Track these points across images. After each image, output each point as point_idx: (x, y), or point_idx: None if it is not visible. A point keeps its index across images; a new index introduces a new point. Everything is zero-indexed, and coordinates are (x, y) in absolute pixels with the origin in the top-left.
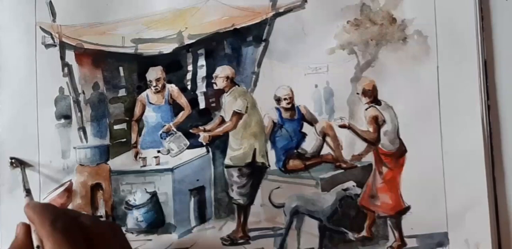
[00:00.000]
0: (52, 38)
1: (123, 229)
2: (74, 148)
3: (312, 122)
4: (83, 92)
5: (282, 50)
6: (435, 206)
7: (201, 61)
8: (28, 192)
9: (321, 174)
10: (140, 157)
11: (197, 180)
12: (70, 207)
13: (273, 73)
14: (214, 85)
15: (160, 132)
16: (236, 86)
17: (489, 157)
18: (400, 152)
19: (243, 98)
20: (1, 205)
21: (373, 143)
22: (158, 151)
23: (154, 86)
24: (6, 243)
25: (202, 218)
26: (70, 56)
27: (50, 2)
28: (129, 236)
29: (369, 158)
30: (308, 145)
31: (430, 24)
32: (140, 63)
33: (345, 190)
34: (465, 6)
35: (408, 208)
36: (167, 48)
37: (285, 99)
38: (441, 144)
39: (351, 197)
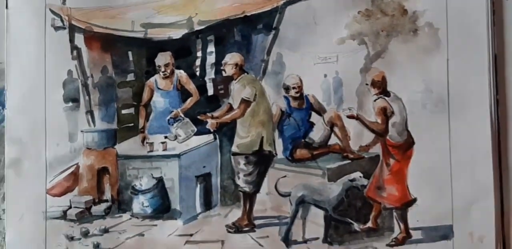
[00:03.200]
0: (62, 20)
1: (129, 213)
2: (82, 131)
3: (321, 111)
4: (92, 76)
5: (292, 39)
6: (441, 199)
7: (211, 48)
8: None
9: (328, 164)
10: (147, 142)
11: (204, 166)
12: (76, 190)
13: (283, 61)
14: (223, 72)
15: (168, 117)
16: (245, 73)
17: (496, 152)
18: (408, 144)
19: (252, 86)
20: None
21: (381, 134)
22: (165, 137)
23: (162, 72)
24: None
25: (207, 205)
26: (79, 39)
27: None
28: (134, 221)
29: (377, 149)
30: (316, 135)
31: (442, 16)
32: (149, 48)
33: (351, 180)
34: (476, 0)
35: (414, 200)
36: (177, 34)
37: (294, 88)
38: (449, 137)
39: (357, 188)
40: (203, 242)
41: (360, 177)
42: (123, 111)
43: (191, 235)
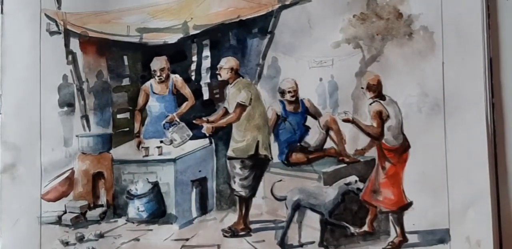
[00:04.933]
0: (57, 25)
1: (124, 218)
2: (77, 136)
3: (316, 115)
4: (87, 80)
5: (287, 43)
6: (437, 202)
7: (206, 52)
8: None
9: (324, 168)
10: (142, 147)
11: (199, 171)
12: (71, 195)
13: (278, 65)
14: (219, 76)
15: (163, 122)
16: (241, 77)
17: (492, 155)
18: (404, 148)
19: (247, 90)
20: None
21: (376, 138)
22: (161, 141)
23: (158, 76)
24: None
25: (203, 209)
26: (74, 44)
27: None
28: (129, 225)
29: (372, 153)
30: (311, 139)
31: (436, 20)
32: (145, 53)
33: (347, 184)
34: (471, 3)
35: (410, 203)
36: (172, 38)
37: (289, 92)
38: (444, 141)
39: (353, 192)
40: (199, 246)
41: (356, 181)
42: (119, 116)
43: (187, 239)
